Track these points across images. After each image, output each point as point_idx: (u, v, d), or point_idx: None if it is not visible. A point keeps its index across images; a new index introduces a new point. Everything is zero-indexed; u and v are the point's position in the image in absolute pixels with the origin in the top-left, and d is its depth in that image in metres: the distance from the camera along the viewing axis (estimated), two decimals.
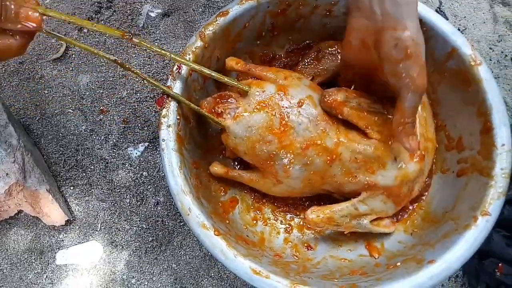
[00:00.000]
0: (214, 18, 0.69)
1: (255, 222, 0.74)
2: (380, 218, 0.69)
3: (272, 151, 0.64)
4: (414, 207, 0.73)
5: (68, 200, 0.87)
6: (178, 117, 0.64)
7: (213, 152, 0.76)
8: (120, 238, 0.85)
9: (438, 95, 0.73)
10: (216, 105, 0.65)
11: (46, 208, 0.82)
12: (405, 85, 0.56)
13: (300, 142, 0.63)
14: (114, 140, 0.91)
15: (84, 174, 0.89)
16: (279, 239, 0.73)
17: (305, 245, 0.73)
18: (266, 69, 0.69)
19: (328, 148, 0.63)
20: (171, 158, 0.62)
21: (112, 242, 0.85)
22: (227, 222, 0.70)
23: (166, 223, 0.86)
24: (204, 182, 0.71)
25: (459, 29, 0.99)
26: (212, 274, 0.84)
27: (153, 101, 0.93)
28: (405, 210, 0.73)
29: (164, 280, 0.83)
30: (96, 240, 0.85)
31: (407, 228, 0.72)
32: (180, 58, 0.64)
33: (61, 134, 0.91)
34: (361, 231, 0.68)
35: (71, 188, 0.88)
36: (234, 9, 0.69)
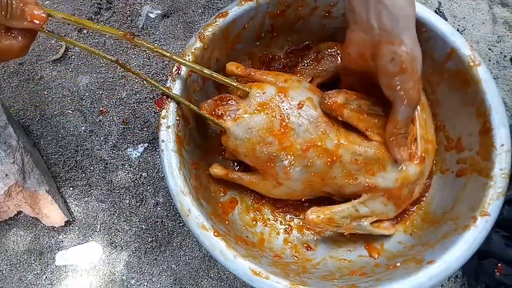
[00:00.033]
0: (214, 19, 0.69)
1: (255, 223, 0.74)
2: (380, 220, 0.69)
3: (273, 153, 0.64)
4: (414, 209, 0.73)
5: (68, 201, 0.87)
6: (178, 118, 0.64)
7: (213, 153, 0.76)
8: (120, 239, 0.85)
9: (437, 96, 0.73)
10: (217, 107, 0.65)
11: (46, 209, 0.82)
12: (399, 98, 0.58)
13: (301, 144, 0.63)
14: (114, 141, 0.91)
15: (84, 175, 0.89)
16: (279, 240, 0.73)
17: (305, 246, 0.73)
18: (266, 73, 0.69)
19: (329, 150, 0.63)
20: (171, 159, 0.62)
21: (112, 243, 0.85)
22: (227, 223, 0.70)
23: (166, 224, 0.86)
24: (204, 183, 0.71)
25: (458, 30, 0.99)
26: (212, 275, 0.84)
27: (153, 102, 0.93)
28: (406, 212, 0.73)
29: (164, 281, 0.83)
30: (96, 241, 0.85)
31: (407, 229, 0.72)
32: (183, 60, 0.64)
33: (61, 135, 0.91)
34: (361, 233, 0.68)
35: (71, 189, 0.88)
36: (233, 10, 0.69)
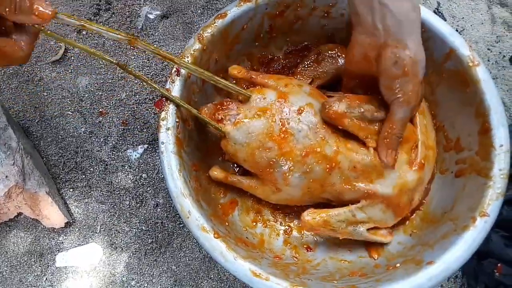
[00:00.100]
0: (212, 20, 0.69)
1: (255, 224, 0.74)
2: (378, 228, 0.69)
3: (272, 158, 0.63)
4: (414, 216, 0.73)
5: (68, 202, 0.88)
6: (177, 120, 0.64)
7: (213, 155, 0.76)
8: (120, 240, 0.85)
9: (437, 96, 0.73)
10: (217, 112, 0.65)
11: (46, 211, 0.82)
12: (397, 99, 0.58)
13: (300, 150, 0.63)
14: (114, 142, 0.91)
15: (84, 176, 0.89)
16: (279, 241, 0.73)
17: (305, 247, 0.73)
18: (267, 77, 0.69)
19: (328, 156, 0.63)
20: (171, 161, 0.62)
21: (112, 244, 0.85)
22: (227, 224, 0.70)
23: (166, 225, 0.86)
24: (204, 185, 0.71)
25: (457, 30, 0.99)
26: (212, 276, 0.84)
27: (152, 103, 0.93)
28: (405, 219, 0.72)
29: (164, 282, 0.83)
30: (96, 242, 0.85)
31: (407, 229, 0.72)
32: (187, 64, 0.64)
33: (61, 136, 0.91)
34: (357, 239, 0.68)
35: (71, 190, 0.88)
36: (232, 11, 0.69)
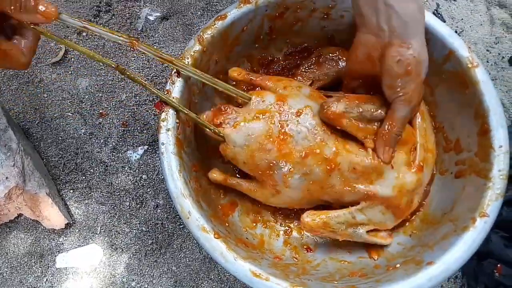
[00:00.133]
0: (212, 22, 0.69)
1: (255, 225, 0.74)
2: (378, 230, 0.69)
3: (272, 160, 0.63)
4: (414, 218, 0.73)
5: (68, 204, 0.88)
6: (177, 121, 0.64)
7: (213, 156, 0.76)
8: (120, 241, 0.85)
9: (436, 97, 0.74)
10: (215, 117, 0.65)
11: (46, 212, 0.82)
12: (399, 98, 0.59)
13: (299, 151, 0.63)
14: (114, 143, 0.91)
15: (84, 178, 0.89)
16: (279, 242, 0.73)
17: (305, 247, 0.73)
18: (267, 79, 0.69)
19: (327, 158, 0.63)
20: (171, 162, 0.62)
21: (112, 245, 0.85)
22: (227, 225, 0.70)
23: (166, 226, 0.86)
24: (204, 185, 0.71)
25: (456, 31, 0.99)
26: (212, 277, 0.84)
27: (152, 104, 0.93)
28: (405, 221, 0.73)
29: (164, 283, 0.83)
30: (96, 243, 0.85)
31: (406, 230, 0.72)
32: (187, 68, 0.64)
33: (61, 138, 0.91)
34: (356, 241, 0.68)
35: (71, 192, 0.88)
36: (232, 13, 0.69)
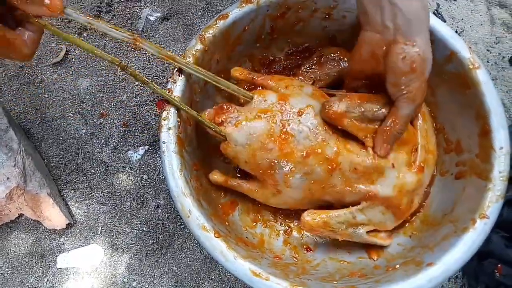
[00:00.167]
0: (214, 21, 0.69)
1: (255, 224, 0.74)
2: (378, 230, 0.69)
3: (273, 159, 0.63)
4: (414, 219, 0.73)
5: (69, 204, 0.88)
6: (179, 120, 0.64)
7: (214, 155, 0.76)
8: (121, 241, 0.85)
9: (437, 98, 0.74)
10: (217, 115, 0.65)
11: (47, 212, 0.82)
12: (403, 96, 0.59)
13: (301, 151, 0.63)
14: (114, 144, 0.91)
15: (85, 178, 0.89)
16: (279, 241, 0.73)
17: (305, 247, 0.73)
18: (269, 78, 0.69)
19: (328, 157, 0.63)
20: (172, 161, 0.62)
21: (113, 245, 0.85)
22: (227, 224, 0.70)
23: (167, 226, 0.86)
24: (204, 184, 0.71)
25: (457, 31, 0.99)
26: (213, 277, 0.84)
27: (153, 104, 0.93)
28: (405, 222, 0.73)
29: (165, 283, 0.83)
30: (97, 243, 0.85)
31: (406, 231, 0.72)
32: (191, 66, 0.64)
33: (62, 138, 0.91)
34: (357, 241, 0.68)
35: (72, 192, 0.88)
36: (234, 12, 0.69)
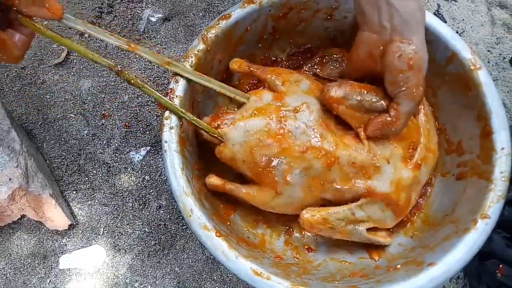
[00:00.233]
0: (216, 21, 0.69)
1: (256, 224, 0.74)
2: (377, 229, 0.69)
3: (271, 156, 0.63)
4: (415, 209, 0.73)
5: (71, 205, 0.88)
6: (181, 120, 0.65)
7: (215, 155, 0.76)
8: (123, 242, 0.86)
9: (438, 99, 0.74)
10: (213, 121, 0.65)
11: (49, 213, 0.82)
12: (402, 93, 0.59)
13: (299, 145, 0.63)
14: (116, 145, 0.91)
15: (87, 179, 0.89)
16: (280, 241, 0.73)
17: (306, 247, 0.73)
18: (267, 70, 0.70)
19: (327, 152, 0.63)
20: (174, 160, 0.62)
21: (115, 246, 0.85)
22: (228, 224, 0.70)
23: (169, 227, 0.87)
24: None
25: (457, 32, 0.99)
26: (215, 277, 0.84)
27: (155, 105, 0.93)
28: (405, 220, 0.73)
29: (167, 284, 0.84)
30: (99, 244, 0.85)
31: (407, 231, 0.72)
32: (182, 71, 0.66)
33: (63, 139, 0.92)
34: (357, 240, 0.68)
35: (74, 193, 0.89)
36: (236, 13, 0.69)
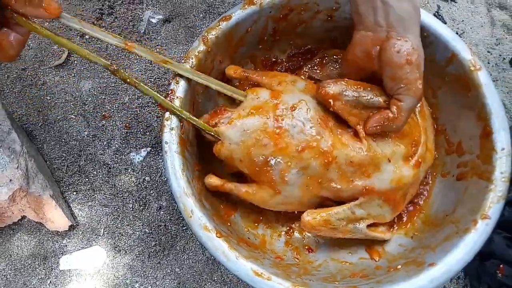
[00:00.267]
0: (217, 23, 0.69)
1: (257, 225, 0.74)
2: (377, 224, 0.69)
3: (268, 155, 0.63)
4: (415, 210, 0.73)
5: (71, 206, 0.88)
6: (181, 120, 0.65)
7: (216, 155, 0.76)
8: (123, 243, 0.86)
9: (438, 100, 0.74)
10: (211, 119, 0.65)
11: (50, 214, 0.82)
12: (402, 89, 0.59)
13: (296, 145, 0.62)
14: (117, 146, 0.91)
15: (87, 180, 0.89)
16: (280, 242, 0.74)
17: (306, 248, 0.73)
18: (262, 74, 0.70)
19: (324, 151, 0.62)
20: (174, 161, 0.62)
21: (115, 247, 0.85)
22: (229, 225, 0.70)
23: (169, 228, 0.87)
24: None
25: (457, 33, 0.99)
26: (215, 278, 0.84)
27: (155, 106, 0.93)
28: (403, 215, 0.73)
29: (168, 285, 0.84)
30: (99, 245, 0.85)
31: (408, 231, 0.72)
32: (178, 68, 0.65)
33: (64, 140, 0.92)
34: (357, 236, 0.68)
35: (74, 194, 0.89)
36: (237, 14, 0.69)
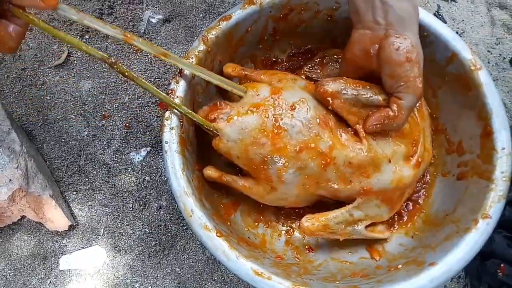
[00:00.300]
0: (217, 22, 0.69)
1: (257, 224, 0.74)
2: (375, 224, 0.69)
3: (266, 155, 0.63)
4: (415, 209, 0.73)
5: (71, 205, 0.88)
6: (181, 120, 0.65)
7: (215, 155, 0.75)
8: (123, 243, 0.86)
9: (439, 99, 0.74)
10: (211, 112, 0.65)
11: (49, 214, 0.82)
12: (402, 87, 0.59)
13: (294, 145, 0.62)
14: (117, 145, 0.91)
15: (87, 179, 0.89)
16: (281, 241, 0.74)
17: (306, 247, 0.73)
18: (261, 73, 0.70)
19: (322, 152, 0.62)
20: (174, 160, 0.62)
21: (115, 247, 0.85)
22: (229, 224, 0.70)
23: (169, 227, 0.87)
24: (206, 185, 0.71)
25: (457, 33, 0.99)
26: (216, 278, 0.84)
27: (155, 106, 0.93)
28: (401, 214, 0.73)
29: (168, 284, 0.83)
30: (99, 245, 0.85)
31: (408, 231, 0.72)
32: (178, 61, 0.64)
33: (64, 140, 0.92)
34: (357, 237, 0.68)
35: (74, 193, 0.89)
36: (237, 14, 0.70)
